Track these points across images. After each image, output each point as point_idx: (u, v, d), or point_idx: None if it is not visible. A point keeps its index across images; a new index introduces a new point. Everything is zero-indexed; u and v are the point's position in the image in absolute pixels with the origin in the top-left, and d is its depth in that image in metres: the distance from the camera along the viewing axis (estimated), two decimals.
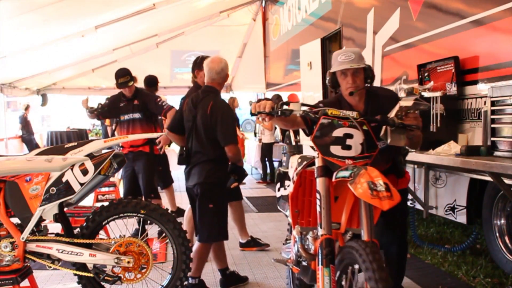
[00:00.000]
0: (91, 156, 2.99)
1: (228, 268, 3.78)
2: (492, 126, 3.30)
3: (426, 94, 3.97)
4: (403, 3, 4.87)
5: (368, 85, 2.77)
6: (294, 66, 9.35)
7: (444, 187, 4.27)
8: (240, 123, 13.05)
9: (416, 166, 4.51)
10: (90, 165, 2.95)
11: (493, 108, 3.30)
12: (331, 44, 7.47)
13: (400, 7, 4.96)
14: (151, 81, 6.15)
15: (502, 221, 3.87)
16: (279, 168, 3.24)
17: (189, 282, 3.47)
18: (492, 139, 3.30)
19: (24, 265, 2.98)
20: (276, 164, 9.55)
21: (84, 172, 2.94)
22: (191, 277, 3.47)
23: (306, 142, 6.60)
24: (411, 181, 4.49)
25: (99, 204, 3.78)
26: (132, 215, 3.12)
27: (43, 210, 2.94)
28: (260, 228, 5.57)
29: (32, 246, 2.96)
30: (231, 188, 3.54)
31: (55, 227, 3.20)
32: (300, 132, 8.45)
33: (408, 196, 3.89)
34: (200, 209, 3.47)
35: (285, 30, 10.06)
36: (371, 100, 2.80)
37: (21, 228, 2.98)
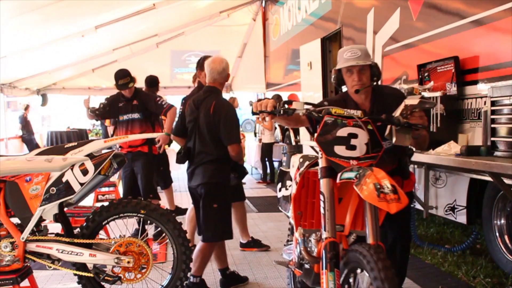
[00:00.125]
0: (91, 156, 3.00)
1: (228, 268, 3.78)
2: (492, 126, 3.30)
3: (426, 94, 3.97)
4: (403, 3, 4.87)
5: (374, 83, 2.69)
6: (294, 66, 9.35)
7: (444, 187, 4.27)
8: (240, 123, 13.03)
9: (416, 166, 4.51)
10: (90, 165, 2.96)
11: (493, 108, 3.30)
12: (331, 44, 7.47)
13: (400, 7, 4.96)
14: (152, 81, 6.15)
15: (502, 221, 3.86)
16: (280, 168, 3.20)
17: (190, 280, 3.47)
18: (492, 139, 3.30)
19: (24, 265, 2.98)
20: (276, 164, 9.55)
21: (84, 172, 2.94)
22: (192, 275, 3.48)
23: (306, 142, 6.60)
24: None
25: (99, 204, 3.78)
26: (132, 215, 3.13)
27: (43, 210, 2.94)
28: (260, 228, 5.57)
29: (32, 246, 2.96)
30: (235, 187, 3.54)
31: (55, 227, 3.20)
32: (300, 132, 8.49)
33: None
34: (204, 209, 3.47)
35: (285, 30, 10.06)
36: (377, 98, 2.72)
37: (21, 228, 2.98)
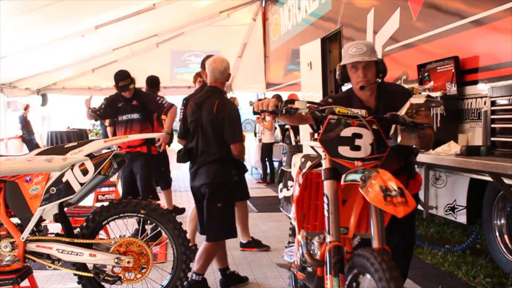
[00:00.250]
0: (91, 156, 3.00)
1: (229, 268, 3.78)
2: (492, 126, 3.30)
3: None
4: (403, 3, 4.87)
5: (379, 79, 2.62)
6: (294, 66, 9.35)
7: (444, 187, 4.27)
8: None
9: (416, 166, 4.50)
10: (90, 165, 2.96)
11: (493, 108, 3.30)
12: (331, 44, 7.47)
13: (400, 7, 4.96)
14: (153, 81, 6.15)
15: (502, 221, 3.86)
16: (281, 167, 3.17)
17: (192, 278, 3.48)
18: (492, 139, 3.30)
19: (24, 265, 2.98)
20: (276, 164, 9.55)
21: (84, 172, 2.94)
22: (195, 273, 3.50)
23: (306, 142, 6.59)
24: None
25: (99, 204, 3.78)
26: (132, 215, 3.13)
27: (43, 210, 2.94)
28: (260, 228, 5.56)
29: (32, 246, 2.96)
30: (240, 185, 3.56)
31: (55, 227, 3.21)
32: (300, 132, 8.48)
33: None
34: (209, 208, 3.48)
35: (285, 30, 10.06)
36: (383, 95, 2.65)
37: (21, 228, 2.98)
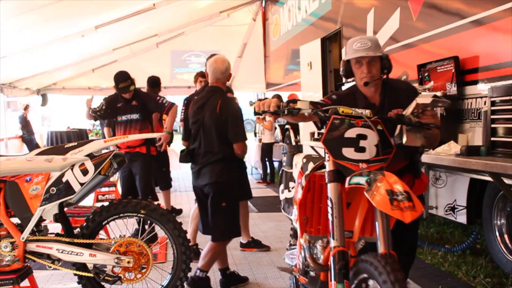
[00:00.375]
0: (91, 156, 3.00)
1: (229, 268, 3.78)
2: (492, 126, 3.30)
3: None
4: (403, 3, 4.87)
5: (384, 75, 2.56)
6: (294, 66, 9.35)
7: (444, 187, 4.26)
8: None
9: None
10: (90, 165, 2.96)
11: (493, 108, 3.30)
12: (331, 44, 7.47)
13: (400, 7, 4.96)
14: (154, 81, 6.15)
15: (502, 221, 3.86)
16: (283, 168, 3.14)
17: (196, 273, 3.50)
18: (492, 139, 3.30)
19: (24, 265, 2.98)
20: (276, 164, 9.54)
21: (84, 172, 2.94)
22: (199, 269, 3.51)
23: (306, 142, 6.59)
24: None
25: (99, 204, 3.78)
26: (132, 215, 3.13)
27: (43, 210, 2.94)
28: (260, 228, 5.56)
29: (32, 246, 2.96)
30: (242, 185, 3.60)
31: (55, 227, 3.21)
32: (300, 132, 8.48)
33: None
34: (213, 208, 3.49)
35: (285, 30, 10.06)
36: (387, 92, 2.58)
37: (21, 228, 2.98)
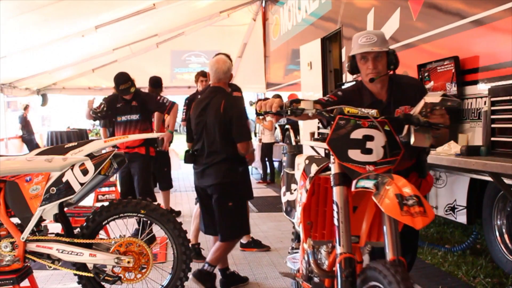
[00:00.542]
0: (91, 156, 3.00)
1: (229, 268, 3.78)
2: (492, 126, 3.30)
3: None
4: (403, 3, 4.87)
5: (391, 71, 2.49)
6: (294, 66, 9.35)
7: (444, 187, 4.26)
8: None
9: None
10: (90, 165, 2.96)
11: (493, 108, 3.30)
12: (331, 44, 7.47)
13: (400, 7, 4.96)
14: (156, 82, 6.14)
15: (502, 221, 3.86)
16: (285, 170, 3.11)
17: (204, 267, 3.51)
18: (492, 139, 3.30)
19: (24, 265, 2.98)
20: (276, 164, 9.54)
21: (84, 172, 2.94)
22: (208, 263, 3.52)
23: (306, 142, 6.60)
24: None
25: (99, 204, 3.78)
26: (132, 215, 3.13)
27: (43, 210, 2.94)
28: (260, 228, 5.56)
29: (32, 246, 2.96)
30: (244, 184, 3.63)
31: (55, 227, 3.21)
32: (301, 132, 8.48)
33: None
34: (220, 209, 3.50)
35: (285, 30, 10.06)
36: (394, 88, 2.51)
37: (21, 228, 2.98)
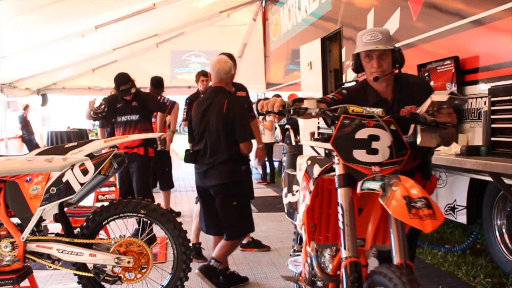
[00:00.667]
0: (91, 156, 3.00)
1: (229, 268, 3.78)
2: (492, 126, 3.30)
3: None
4: (403, 3, 4.87)
5: (396, 70, 2.44)
6: (294, 66, 9.35)
7: (444, 187, 4.26)
8: None
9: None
10: (90, 165, 2.96)
11: (493, 108, 3.30)
12: (331, 44, 7.47)
13: (400, 7, 4.96)
14: (157, 82, 6.14)
15: (502, 221, 3.86)
16: (286, 171, 3.08)
17: (210, 262, 3.54)
18: (492, 139, 3.30)
19: (24, 265, 2.98)
20: (276, 164, 9.54)
21: (84, 172, 2.95)
22: (214, 259, 3.53)
23: (306, 142, 6.60)
24: None
25: (99, 204, 3.78)
26: (132, 215, 3.13)
27: (43, 210, 2.94)
28: (260, 228, 5.56)
29: (32, 246, 2.96)
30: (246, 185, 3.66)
31: (55, 227, 3.21)
32: (301, 132, 8.48)
33: None
34: (224, 208, 3.52)
35: (285, 30, 10.06)
36: (399, 87, 2.45)
37: (21, 228, 2.98)
